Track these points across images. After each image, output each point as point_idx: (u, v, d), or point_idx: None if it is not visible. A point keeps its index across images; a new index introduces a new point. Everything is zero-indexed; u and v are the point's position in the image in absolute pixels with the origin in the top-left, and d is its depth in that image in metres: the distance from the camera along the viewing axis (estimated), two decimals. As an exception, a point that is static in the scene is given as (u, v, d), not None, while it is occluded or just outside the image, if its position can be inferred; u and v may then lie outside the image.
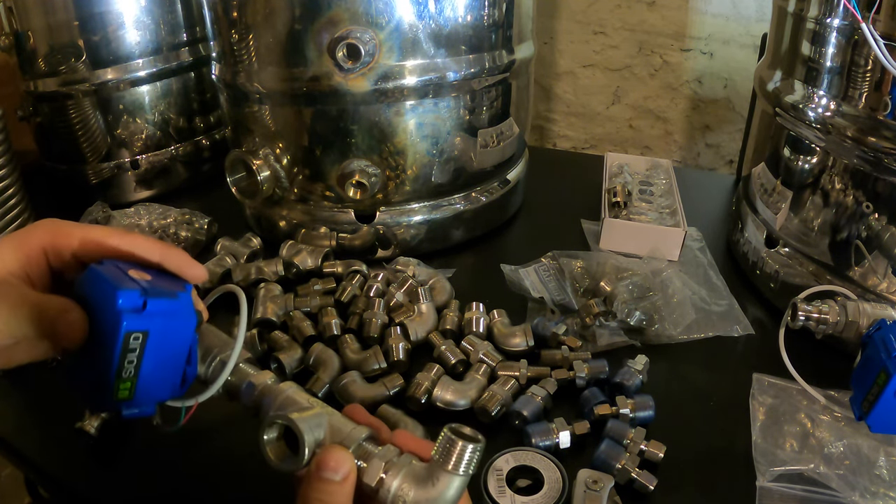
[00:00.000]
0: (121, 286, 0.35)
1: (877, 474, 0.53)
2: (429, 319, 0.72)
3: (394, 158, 0.80)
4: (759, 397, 0.61)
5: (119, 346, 0.35)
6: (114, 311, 0.35)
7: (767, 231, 0.76)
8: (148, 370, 0.36)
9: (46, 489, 0.72)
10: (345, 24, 0.72)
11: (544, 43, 1.35)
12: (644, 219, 0.87)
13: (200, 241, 0.92)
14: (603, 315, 0.71)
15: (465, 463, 0.35)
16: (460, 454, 0.35)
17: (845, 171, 0.65)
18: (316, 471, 0.35)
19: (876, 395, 0.49)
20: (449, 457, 0.35)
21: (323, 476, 0.34)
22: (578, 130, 1.42)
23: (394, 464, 0.36)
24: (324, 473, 0.34)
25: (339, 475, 0.34)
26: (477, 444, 0.35)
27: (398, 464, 0.36)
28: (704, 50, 1.22)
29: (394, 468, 0.36)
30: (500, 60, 0.82)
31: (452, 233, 0.89)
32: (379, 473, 0.35)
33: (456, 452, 0.35)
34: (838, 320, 0.59)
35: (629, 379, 0.62)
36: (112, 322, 0.35)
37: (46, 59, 0.96)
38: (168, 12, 1.02)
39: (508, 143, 0.90)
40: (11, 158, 0.84)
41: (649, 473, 0.53)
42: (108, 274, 0.37)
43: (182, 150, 1.09)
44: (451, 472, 0.35)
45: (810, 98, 0.68)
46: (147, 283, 0.37)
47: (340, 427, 0.38)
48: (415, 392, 0.62)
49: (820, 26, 0.65)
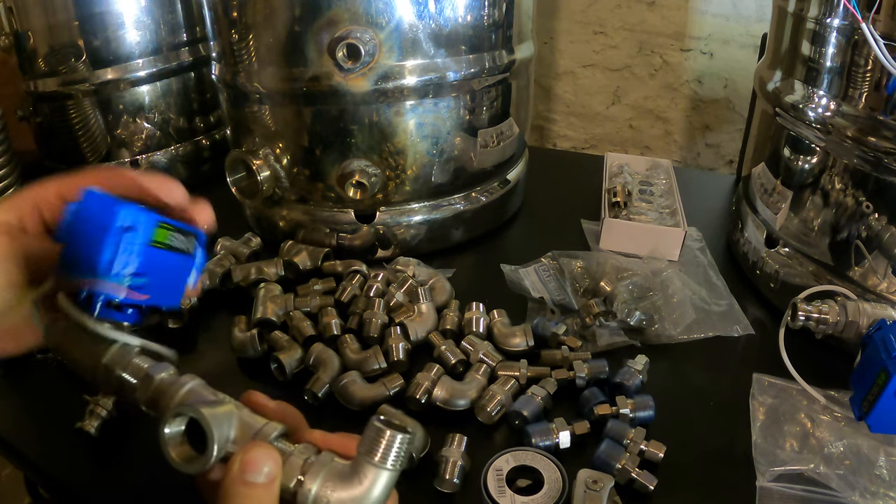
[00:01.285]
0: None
1: (877, 474, 0.53)
2: (429, 319, 0.72)
3: (394, 158, 0.80)
4: (759, 397, 0.61)
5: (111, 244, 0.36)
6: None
7: (767, 231, 0.76)
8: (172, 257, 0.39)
9: (46, 489, 0.72)
10: (345, 24, 0.72)
11: (544, 43, 1.35)
12: (644, 219, 0.87)
13: (200, 241, 0.91)
14: (603, 315, 0.71)
15: (394, 455, 0.32)
16: (388, 445, 0.31)
17: (845, 171, 0.65)
18: (238, 473, 0.31)
19: (876, 395, 0.49)
20: (376, 448, 0.31)
21: (246, 479, 0.31)
22: (578, 130, 1.42)
23: (312, 463, 0.32)
24: (247, 476, 0.31)
25: (263, 476, 0.31)
26: (406, 436, 0.32)
27: (317, 462, 0.33)
28: (704, 50, 1.22)
29: (313, 468, 0.32)
30: (500, 60, 0.82)
31: (452, 233, 0.89)
32: (296, 475, 0.32)
33: (384, 443, 0.31)
34: (838, 320, 0.59)
35: (629, 379, 0.62)
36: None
37: (46, 59, 0.96)
38: (168, 12, 1.02)
39: (508, 143, 0.90)
40: (11, 158, 0.84)
41: (649, 473, 0.53)
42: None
43: (182, 150, 1.09)
44: (377, 466, 0.31)
45: (810, 98, 0.68)
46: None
47: (251, 423, 0.34)
48: (415, 392, 0.62)
49: (820, 26, 0.65)
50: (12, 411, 0.67)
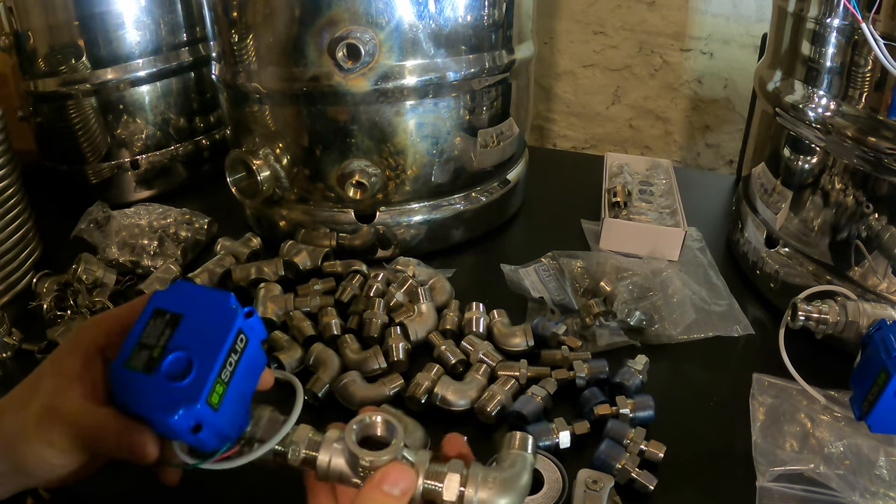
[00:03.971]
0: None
1: (877, 474, 0.53)
2: (429, 319, 0.72)
3: (394, 158, 0.80)
4: (759, 397, 0.61)
5: (230, 340, 0.35)
6: (226, 307, 0.35)
7: (767, 231, 0.76)
8: (236, 383, 0.36)
9: (46, 489, 0.72)
10: (345, 24, 0.72)
11: (544, 43, 1.35)
12: (644, 219, 0.87)
13: (200, 241, 0.92)
14: (603, 315, 0.71)
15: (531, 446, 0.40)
16: (522, 439, 0.39)
17: (845, 171, 0.65)
18: (378, 482, 0.36)
19: (876, 395, 0.49)
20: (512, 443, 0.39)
21: (384, 489, 0.35)
22: (578, 130, 1.42)
23: (468, 476, 0.37)
24: (384, 486, 0.35)
25: (398, 489, 0.36)
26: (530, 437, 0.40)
27: (472, 474, 0.37)
28: (704, 50, 1.22)
29: (470, 479, 0.37)
30: (500, 60, 0.82)
31: (452, 233, 0.89)
32: (457, 487, 0.37)
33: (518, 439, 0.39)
34: (838, 320, 0.59)
35: (629, 379, 0.62)
36: (224, 319, 0.35)
37: (46, 59, 0.96)
38: (168, 12, 1.02)
39: (508, 143, 0.90)
40: (11, 158, 0.84)
41: (649, 473, 0.53)
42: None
43: (182, 150, 1.09)
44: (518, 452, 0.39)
45: (810, 98, 0.68)
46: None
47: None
48: (415, 392, 0.62)
49: (820, 26, 0.65)
50: (12, 411, 0.67)
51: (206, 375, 0.34)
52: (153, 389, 0.34)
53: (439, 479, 0.37)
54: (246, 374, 0.37)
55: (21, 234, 0.84)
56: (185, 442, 0.36)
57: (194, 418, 0.34)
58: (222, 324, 0.35)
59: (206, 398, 0.34)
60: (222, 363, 0.35)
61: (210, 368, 0.34)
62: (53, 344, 0.70)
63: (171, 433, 0.34)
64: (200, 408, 0.34)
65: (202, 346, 0.35)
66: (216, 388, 0.34)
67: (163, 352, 0.35)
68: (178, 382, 0.34)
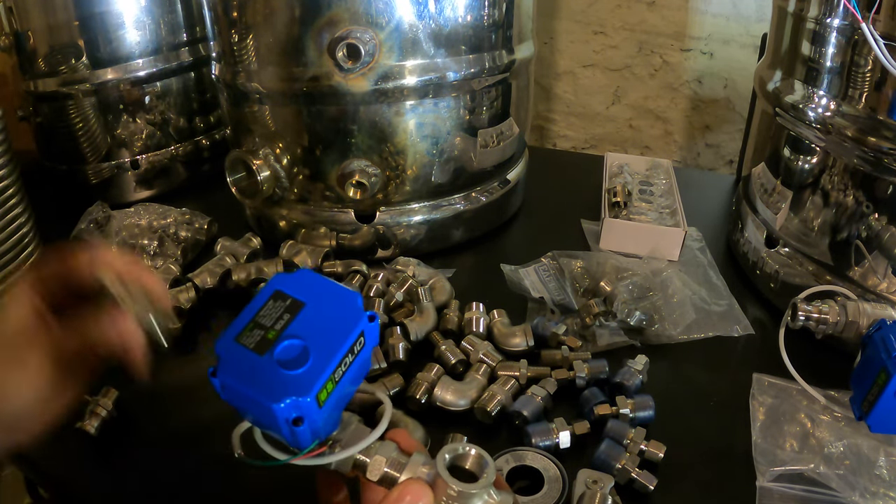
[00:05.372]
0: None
1: (877, 474, 0.53)
2: (429, 319, 0.72)
3: (394, 158, 0.80)
4: (759, 397, 0.61)
5: (352, 340, 0.34)
6: (354, 306, 0.35)
7: (767, 231, 0.76)
8: (343, 385, 0.35)
9: (46, 489, 0.72)
10: (345, 24, 0.72)
11: (544, 43, 1.35)
12: (644, 219, 0.87)
13: (200, 241, 0.91)
14: (603, 315, 0.71)
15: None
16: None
17: (845, 171, 0.65)
18: (396, 500, 0.35)
19: (876, 395, 0.49)
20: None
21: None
22: (578, 130, 1.42)
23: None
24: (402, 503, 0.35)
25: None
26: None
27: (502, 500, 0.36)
28: (704, 50, 1.22)
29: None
30: (500, 60, 0.82)
31: (452, 233, 0.89)
32: None
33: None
34: (838, 320, 0.59)
35: (629, 379, 0.62)
36: (349, 317, 0.35)
37: (46, 59, 0.96)
38: (168, 12, 1.02)
39: (508, 143, 0.90)
40: (11, 158, 0.83)
41: (649, 473, 0.53)
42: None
43: (182, 150, 1.09)
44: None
45: (810, 98, 0.68)
46: None
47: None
48: (415, 392, 0.62)
49: (820, 26, 0.65)
50: (12, 411, 0.67)
51: (321, 370, 0.33)
52: (261, 371, 0.33)
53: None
54: (353, 378, 0.36)
55: (21, 234, 0.84)
56: (276, 432, 0.34)
57: (299, 410, 0.33)
58: (346, 322, 0.35)
59: (317, 393, 0.33)
60: (339, 361, 0.34)
61: (327, 364, 0.33)
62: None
63: (270, 420, 0.33)
64: (309, 401, 0.33)
65: (322, 340, 0.34)
66: (327, 385, 0.33)
67: (279, 336, 0.34)
68: (290, 370, 0.33)
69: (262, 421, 0.34)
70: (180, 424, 0.63)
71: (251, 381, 0.33)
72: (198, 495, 0.57)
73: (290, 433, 0.33)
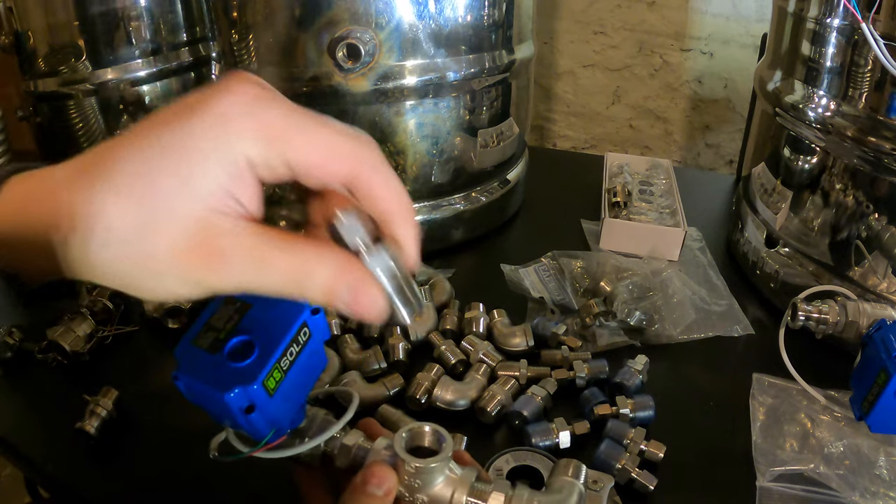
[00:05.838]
0: None
1: (877, 474, 0.53)
2: (429, 319, 0.72)
3: (394, 158, 0.80)
4: (759, 397, 0.61)
5: (294, 331, 0.36)
6: (298, 303, 0.36)
7: (767, 231, 0.76)
8: (293, 374, 0.37)
9: (46, 489, 0.72)
10: (345, 24, 0.72)
11: (544, 43, 1.35)
12: (644, 219, 0.87)
13: (200, 241, 0.91)
14: (603, 315, 0.71)
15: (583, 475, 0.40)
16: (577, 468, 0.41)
17: (845, 171, 0.65)
18: (361, 484, 0.36)
19: (876, 395, 0.49)
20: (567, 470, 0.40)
21: (367, 490, 0.36)
22: (578, 130, 1.42)
23: (514, 496, 0.37)
24: (368, 487, 0.36)
25: (381, 490, 0.36)
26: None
27: (517, 495, 0.37)
28: (704, 50, 1.22)
29: (515, 499, 0.37)
30: (500, 60, 0.82)
31: (452, 233, 0.89)
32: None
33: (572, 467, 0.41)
34: (838, 320, 0.59)
35: (629, 379, 0.62)
36: (290, 311, 0.36)
37: (46, 59, 0.96)
38: (168, 12, 1.02)
39: (508, 143, 0.90)
40: (11, 159, 0.84)
41: (649, 473, 0.53)
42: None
43: (182, 150, 1.09)
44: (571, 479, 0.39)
45: (810, 98, 0.68)
46: None
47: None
48: (415, 392, 0.62)
49: (820, 26, 0.65)
50: (12, 411, 0.67)
51: (265, 360, 0.35)
52: (214, 367, 0.36)
53: (483, 497, 0.37)
54: (305, 368, 0.38)
55: (21, 234, 0.84)
56: (237, 425, 0.37)
57: (248, 398, 0.35)
58: (288, 315, 0.37)
59: (263, 381, 0.35)
60: (283, 351, 0.36)
61: (270, 354, 0.36)
62: (54, 343, 0.70)
63: (226, 411, 0.35)
64: (256, 388, 0.35)
65: (266, 333, 0.36)
66: (273, 373, 0.36)
67: (228, 335, 0.36)
68: (237, 363, 0.36)
69: (222, 415, 0.36)
70: (180, 424, 0.63)
71: (206, 378, 0.35)
72: (198, 495, 0.57)
73: (246, 422, 0.35)
